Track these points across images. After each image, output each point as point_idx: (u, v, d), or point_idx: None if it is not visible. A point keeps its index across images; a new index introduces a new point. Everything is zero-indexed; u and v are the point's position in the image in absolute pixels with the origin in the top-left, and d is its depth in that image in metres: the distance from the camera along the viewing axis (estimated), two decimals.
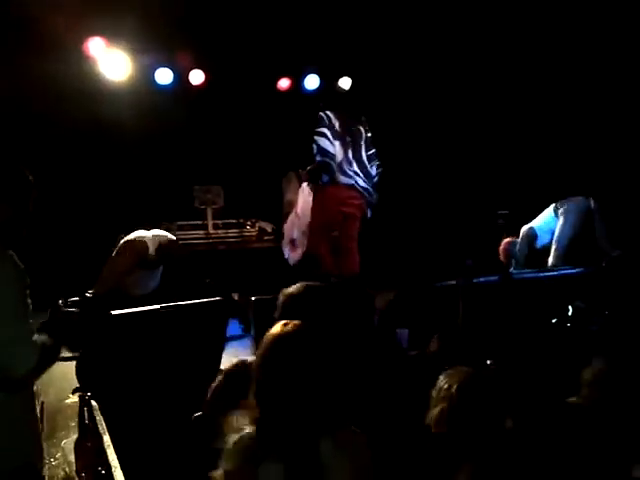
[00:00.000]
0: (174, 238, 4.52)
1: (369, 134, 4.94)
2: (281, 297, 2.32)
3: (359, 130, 4.90)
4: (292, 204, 6.23)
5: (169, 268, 4.38)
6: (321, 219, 4.77)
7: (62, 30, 5.27)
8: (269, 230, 5.95)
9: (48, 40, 5.08)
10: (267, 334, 1.56)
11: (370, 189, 4.87)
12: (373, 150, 4.94)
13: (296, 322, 1.57)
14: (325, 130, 4.74)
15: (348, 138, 4.80)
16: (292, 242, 4.97)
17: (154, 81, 6.10)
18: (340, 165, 4.75)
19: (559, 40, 5.63)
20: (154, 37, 5.72)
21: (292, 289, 2.31)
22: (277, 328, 1.56)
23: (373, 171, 4.92)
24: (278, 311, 2.27)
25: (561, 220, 4.97)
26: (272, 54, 6.28)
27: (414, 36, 6.06)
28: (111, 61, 5.70)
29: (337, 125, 4.75)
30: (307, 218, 4.86)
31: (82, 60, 5.64)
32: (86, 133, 5.67)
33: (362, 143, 4.88)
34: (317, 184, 4.85)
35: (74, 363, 2.82)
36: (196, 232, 5.66)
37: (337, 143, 4.74)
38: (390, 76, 6.33)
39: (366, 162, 4.89)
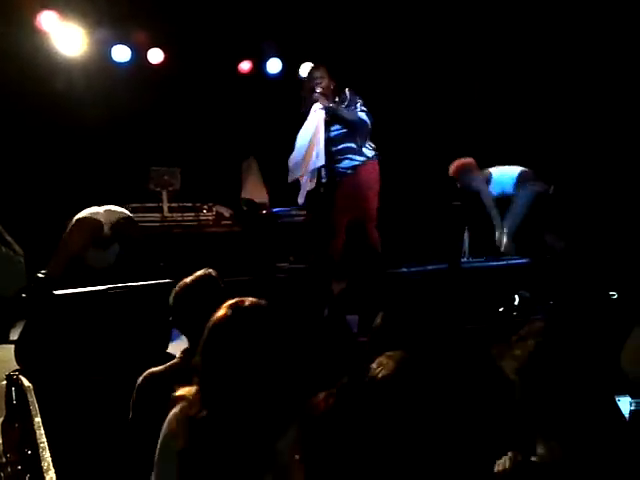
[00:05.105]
0: (129, 214, 4.38)
1: None
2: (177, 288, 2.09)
3: None
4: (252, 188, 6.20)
5: (124, 246, 4.26)
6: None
7: (13, 3, 5.09)
8: (226, 215, 5.88)
9: None
10: (219, 310, 1.47)
11: None
12: None
13: (246, 301, 1.49)
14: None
15: None
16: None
17: (110, 58, 5.94)
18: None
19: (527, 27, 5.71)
20: (111, 12, 5.57)
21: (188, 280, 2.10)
22: (220, 312, 1.48)
23: None
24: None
25: (517, 199, 5.03)
26: (234, 36, 6.19)
27: (378, 21, 6.06)
28: (65, 36, 5.52)
29: None
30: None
31: (34, 34, 5.45)
32: (39, 110, 5.50)
33: None
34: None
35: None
36: (151, 215, 5.55)
37: None
38: (353, 63, 6.32)
39: None
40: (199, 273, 2.09)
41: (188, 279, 2.06)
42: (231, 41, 6.25)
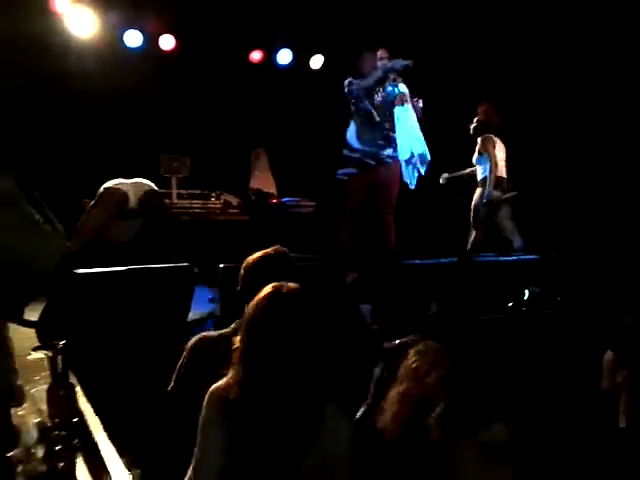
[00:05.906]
0: (155, 188, 4.26)
1: None
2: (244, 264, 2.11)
3: None
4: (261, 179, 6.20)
5: (150, 220, 4.13)
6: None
7: None
8: (234, 203, 5.89)
9: None
10: (260, 294, 1.52)
11: None
12: None
13: (291, 284, 1.54)
14: None
15: None
16: None
17: (122, 42, 5.94)
18: None
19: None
20: None
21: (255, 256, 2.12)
22: (270, 289, 1.52)
23: None
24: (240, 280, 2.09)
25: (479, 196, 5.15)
26: (245, 26, 6.19)
27: (389, 14, 6.06)
28: (77, 17, 5.52)
29: None
30: None
31: (48, 16, 5.44)
32: (51, 91, 5.48)
33: None
34: None
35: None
36: None
37: None
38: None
39: None
40: (270, 248, 2.05)
41: (259, 253, 2.03)
42: (243, 31, 6.24)
